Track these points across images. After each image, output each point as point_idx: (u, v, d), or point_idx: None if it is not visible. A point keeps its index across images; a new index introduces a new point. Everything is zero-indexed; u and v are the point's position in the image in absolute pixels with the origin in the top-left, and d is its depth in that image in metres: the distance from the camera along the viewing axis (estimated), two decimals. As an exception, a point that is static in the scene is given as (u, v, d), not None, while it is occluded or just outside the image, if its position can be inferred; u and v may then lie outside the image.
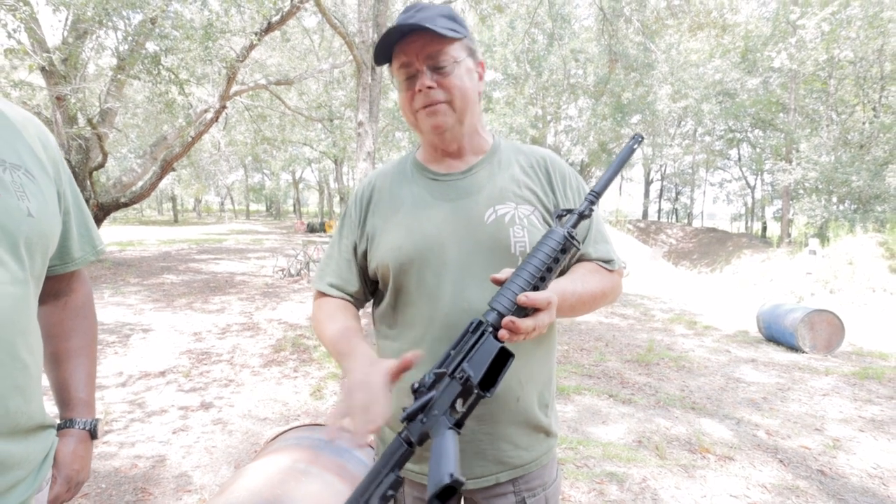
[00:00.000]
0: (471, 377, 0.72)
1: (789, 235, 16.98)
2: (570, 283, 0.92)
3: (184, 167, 22.91)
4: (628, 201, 45.30)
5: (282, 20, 8.86)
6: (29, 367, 0.76)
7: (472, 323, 0.79)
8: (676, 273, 15.36)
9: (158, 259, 12.92)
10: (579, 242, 0.87)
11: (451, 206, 0.99)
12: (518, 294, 0.77)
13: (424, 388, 0.76)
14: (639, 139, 0.88)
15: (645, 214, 34.19)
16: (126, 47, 8.57)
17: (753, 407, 4.00)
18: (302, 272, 10.85)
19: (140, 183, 11.24)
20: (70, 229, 0.91)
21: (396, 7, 10.56)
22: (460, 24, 0.96)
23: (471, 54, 0.98)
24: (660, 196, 37.73)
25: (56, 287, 0.95)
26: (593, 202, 0.87)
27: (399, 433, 0.75)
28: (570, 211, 0.86)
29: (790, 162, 16.50)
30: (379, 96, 7.98)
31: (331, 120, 14.28)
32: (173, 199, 39.24)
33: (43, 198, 0.80)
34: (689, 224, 30.02)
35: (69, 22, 8.62)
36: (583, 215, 0.86)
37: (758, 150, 22.57)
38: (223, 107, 10.19)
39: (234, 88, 10.59)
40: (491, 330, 0.76)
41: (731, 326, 7.23)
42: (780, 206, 19.02)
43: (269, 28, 8.92)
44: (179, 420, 3.52)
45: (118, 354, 4.98)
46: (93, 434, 0.95)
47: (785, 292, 10.82)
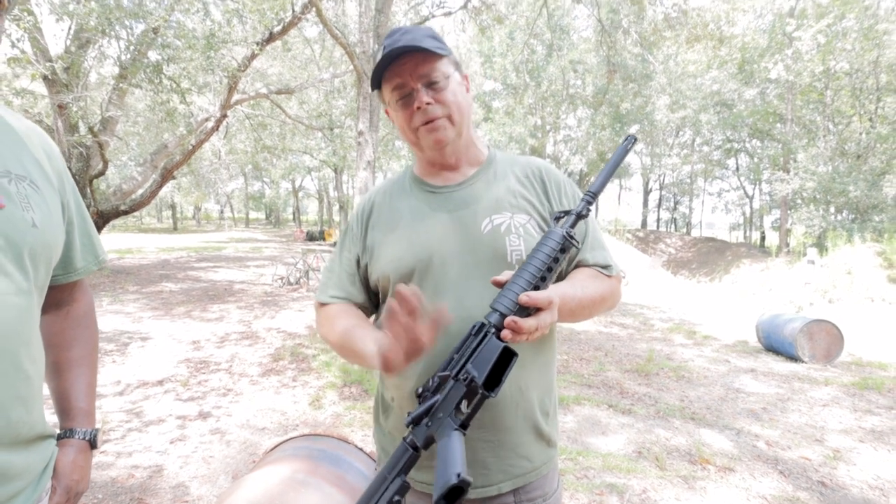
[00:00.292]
0: (475, 377, 0.72)
1: (788, 245, 17.03)
2: (570, 288, 0.93)
3: (184, 175, 22.94)
4: (627, 211, 45.52)
5: (283, 30, 8.95)
6: (31, 378, 0.76)
7: (475, 326, 0.79)
8: (675, 282, 15.35)
9: (157, 267, 12.90)
10: (578, 242, 0.88)
11: (449, 217, 1.00)
12: (519, 294, 0.77)
13: (428, 393, 0.76)
14: (632, 140, 0.90)
15: (644, 224, 34.29)
16: (128, 56, 8.64)
17: (753, 417, 3.98)
18: (301, 281, 10.82)
19: (140, 191, 11.25)
20: (73, 240, 0.92)
21: (397, 18, 10.67)
22: (443, 42, 0.99)
23: (457, 68, 1.01)
24: (658, 205, 37.87)
25: (58, 297, 0.95)
26: (590, 202, 0.88)
27: (404, 438, 0.75)
28: (568, 212, 0.87)
29: (788, 172, 16.59)
30: (379, 106, 8.03)
31: (331, 129, 14.34)
32: (173, 207, 39.24)
33: (47, 209, 0.80)
34: (688, 233, 30.12)
35: (72, 31, 8.69)
36: (580, 215, 0.87)
37: (756, 160, 22.73)
38: (224, 115, 10.25)
39: (235, 97, 10.65)
40: (493, 330, 0.77)
41: (731, 336, 7.22)
42: (779, 216, 19.10)
43: (271, 38, 9.01)
44: (177, 429, 3.49)
45: (116, 363, 4.95)
46: (93, 444, 0.95)
47: (784, 302, 10.84)
